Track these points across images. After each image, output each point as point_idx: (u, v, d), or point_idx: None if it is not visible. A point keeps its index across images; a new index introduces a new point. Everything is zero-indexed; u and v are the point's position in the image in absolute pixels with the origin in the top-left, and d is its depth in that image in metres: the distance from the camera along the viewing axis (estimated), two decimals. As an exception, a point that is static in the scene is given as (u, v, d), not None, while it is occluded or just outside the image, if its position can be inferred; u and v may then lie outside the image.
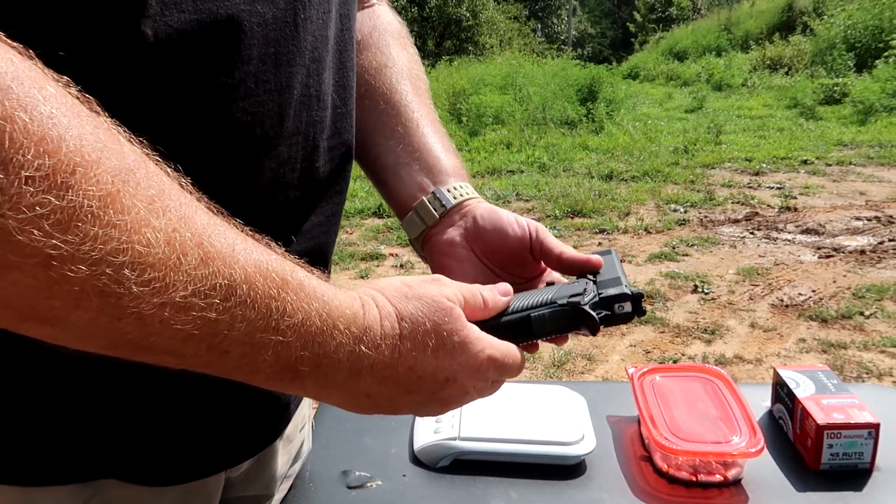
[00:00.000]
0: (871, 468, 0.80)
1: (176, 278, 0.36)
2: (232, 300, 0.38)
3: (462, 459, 0.81)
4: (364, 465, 0.81)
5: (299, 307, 0.42)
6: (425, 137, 0.71)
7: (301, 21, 0.54)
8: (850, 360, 3.02)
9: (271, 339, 0.41)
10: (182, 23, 0.45)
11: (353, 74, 0.66)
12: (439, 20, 19.27)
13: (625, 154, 7.11)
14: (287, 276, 0.42)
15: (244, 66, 0.50)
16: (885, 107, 8.55)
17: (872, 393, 0.97)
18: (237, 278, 0.39)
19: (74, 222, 0.32)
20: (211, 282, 0.37)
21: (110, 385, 0.53)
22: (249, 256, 0.40)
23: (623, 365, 3.04)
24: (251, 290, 0.39)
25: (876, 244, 4.40)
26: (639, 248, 4.53)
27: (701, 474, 0.79)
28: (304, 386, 0.45)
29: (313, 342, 0.43)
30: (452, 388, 0.51)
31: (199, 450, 0.61)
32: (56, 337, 0.36)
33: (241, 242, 0.40)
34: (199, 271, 0.37)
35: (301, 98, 0.57)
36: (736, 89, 12.12)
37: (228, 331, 0.39)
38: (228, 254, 0.39)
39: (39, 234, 0.31)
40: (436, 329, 0.49)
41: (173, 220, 0.37)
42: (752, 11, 18.25)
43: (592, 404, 0.91)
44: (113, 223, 0.34)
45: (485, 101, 8.85)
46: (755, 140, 7.66)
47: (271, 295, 0.40)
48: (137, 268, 0.35)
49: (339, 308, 0.45)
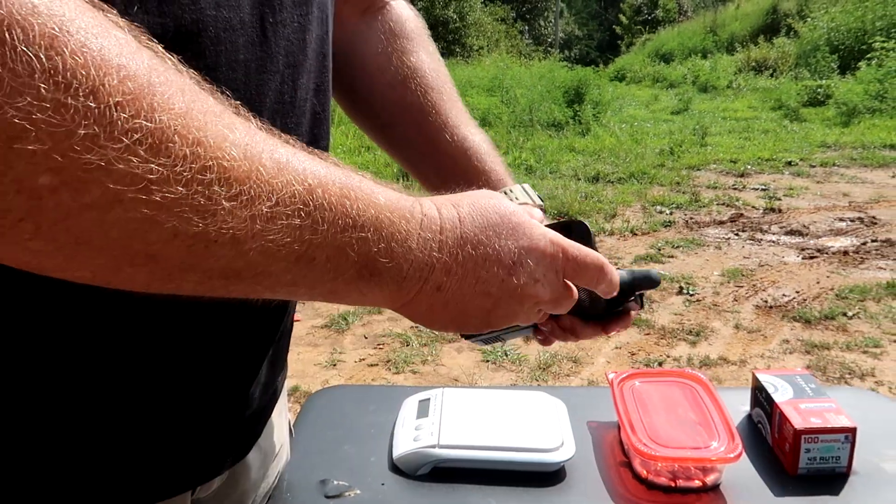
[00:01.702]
0: (848, 472, 0.81)
1: (260, 189, 0.37)
2: (311, 204, 0.40)
3: (442, 467, 0.81)
4: (342, 474, 0.80)
5: (369, 203, 0.44)
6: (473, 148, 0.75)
7: (270, 25, 0.53)
8: (833, 360, 3.04)
9: (352, 236, 0.42)
10: (146, 24, 0.44)
11: (330, 75, 0.65)
12: (426, 22, 19.27)
13: (611, 156, 7.15)
14: (347, 178, 0.43)
15: (211, 74, 0.48)
16: (868, 108, 8.64)
17: (850, 396, 0.97)
18: (311, 182, 0.40)
19: (166, 143, 0.33)
20: (290, 189, 0.38)
21: (65, 404, 0.50)
22: (311, 163, 0.41)
23: (608, 367, 3.04)
24: (325, 192, 0.41)
25: (859, 245, 4.45)
26: (625, 249, 4.55)
27: (680, 480, 0.79)
28: (382, 283, 0.46)
29: (387, 233, 0.44)
30: (521, 274, 0.51)
31: (161, 468, 0.57)
32: (150, 280, 0.36)
33: (299, 152, 0.41)
34: (278, 180, 0.38)
35: (275, 105, 0.55)
36: (721, 91, 12.22)
37: (313, 235, 0.40)
38: (295, 162, 0.40)
39: (137, 161, 0.32)
40: (495, 209, 0.51)
41: (243, 133, 0.37)
42: (737, 14, 18.40)
43: (573, 410, 0.91)
44: (198, 140, 0.34)
45: (472, 104, 8.86)
46: (740, 142, 7.72)
47: (343, 194, 0.42)
48: (225, 183, 0.35)
49: (399, 201, 0.47)
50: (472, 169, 0.74)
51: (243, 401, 0.64)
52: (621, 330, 0.68)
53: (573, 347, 3.21)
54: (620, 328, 0.68)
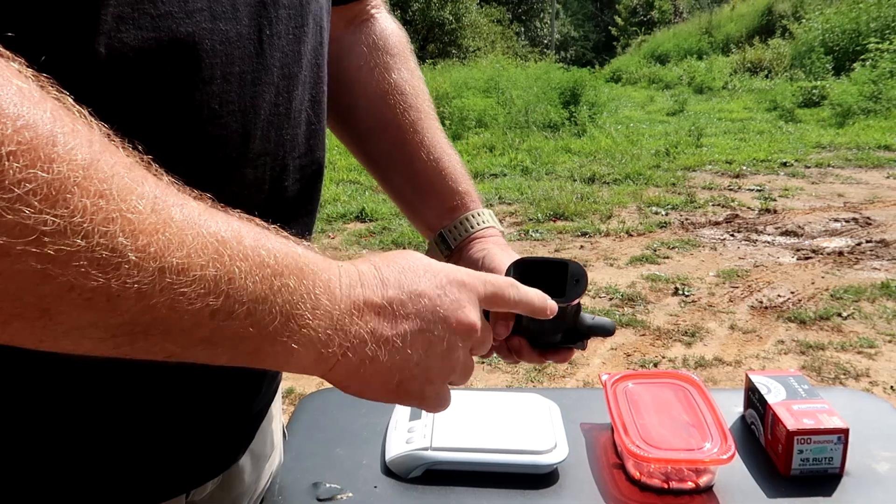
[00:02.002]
0: (841, 473, 0.81)
1: (169, 241, 0.36)
2: (226, 254, 0.39)
3: (434, 470, 0.81)
4: (335, 477, 0.80)
5: (288, 252, 0.43)
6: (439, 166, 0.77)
7: (267, 38, 0.52)
8: (827, 361, 3.05)
9: (274, 283, 0.41)
10: (139, 40, 0.44)
11: (325, 87, 0.65)
12: (423, 23, 19.29)
13: (607, 157, 7.15)
14: (262, 232, 0.43)
15: (206, 87, 0.48)
16: (863, 109, 8.66)
17: (844, 397, 0.98)
18: (225, 235, 0.39)
19: (63, 194, 0.32)
20: (202, 241, 0.38)
21: (59, 408, 0.50)
22: (224, 217, 0.41)
23: (604, 368, 3.04)
24: (240, 243, 0.40)
25: (854, 245, 4.46)
26: (620, 250, 4.55)
27: (673, 481, 0.79)
28: (308, 341, 0.44)
29: (309, 282, 0.44)
30: (424, 303, 0.50)
31: (156, 472, 0.58)
32: (43, 335, 0.34)
33: (210, 207, 0.40)
34: (188, 232, 0.37)
35: (269, 117, 0.54)
36: (717, 92, 12.24)
37: (229, 286, 0.38)
38: (207, 215, 0.39)
39: (30, 212, 0.31)
40: (419, 263, 0.52)
41: (153, 187, 0.36)
42: (732, 15, 18.45)
43: (566, 412, 0.91)
44: (100, 192, 0.33)
45: (468, 105, 8.86)
46: (735, 143, 7.74)
47: (259, 244, 0.41)
48: (130, 235, 0.34)
49: (318, 257, 0.47)
50: (447, 189, 0.76)
51: (239, 405, 0.64)
52: (557, 362, 0.71)
53: (569, 348, 3.21)
54: (558, 360, 0.70)
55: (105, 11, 0.42)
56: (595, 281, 4.01)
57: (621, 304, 3.70)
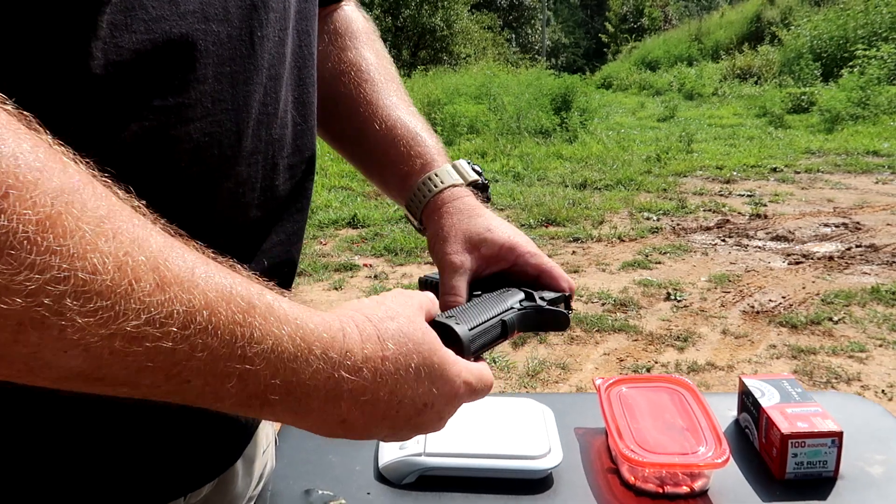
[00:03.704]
0: (836, 476, 0.81)
1: (127, 306, 0.33)
2: (191, 328, 0.36)
3: (428, 475, 0.80)
4: (328, 484, 0.79)
5: (268, 332, 0.39)
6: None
7: (258, 39, 0.54)
8: (819, 365, 3.06)
9: (237, 367, 0.38)
10: (134, 43, 0.45)
11: (314, 90, 0.66)
12: (414, 30, 19.32)
13: (598, 163, 7.18)
14: (254, 300, 0.39)
15: (200, 86, 0.50)
16: (851, 115, 8.74)
17: (836, 401, 0.98)
18: (196, 304, 0.36)
19: (7, 250, 0.30)
20: (167, 309, 0.35)
21: (53, 411, 0.51)
22: (211, 280, 0.37)
23: (596, 374, 3.04)
24: (212, 315, 0.36)
25: (844, 250, 4.48)
26: (612, 256, 4.56)
27: (668, 486, 0.79)
28: (275, 412, 0.42)
29: (286, 368, 0.40)
30: (430, 415, 0.49)
31: (154, 475, 0.58)
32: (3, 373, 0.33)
33: (201, 265, 0.37)
34: (154, 297, 0.34)
35: (259, 117, 0.56)
36: (707, 98, 12.31)
37: (188, 360, 0.36)
38: (187, 278, 0.36)
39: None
40: (418, 350, 0.47)
41: (125, 242, 0.34)
42: (721, 22, 18.58)
43: (560, 416, 0.91)
44: (52, 249, 0.31)
45: (459, 111, 8.88)
46: (726, 148, 7.78)
47: (236, 321, 0.37)
48: (82, 296, 0.32)
49: (315, 332, 0.42)
50: (399, 155, 0.72)
51: None
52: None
53: (562, 354, 3.21)
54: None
55: (101, 19, 0.43)
56: (587, 286, 4.01)
57: (613, 310, 3.70)
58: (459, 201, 0.68)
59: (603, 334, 3.43)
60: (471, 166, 0.72)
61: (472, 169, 0.71)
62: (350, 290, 4.07)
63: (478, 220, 0.67)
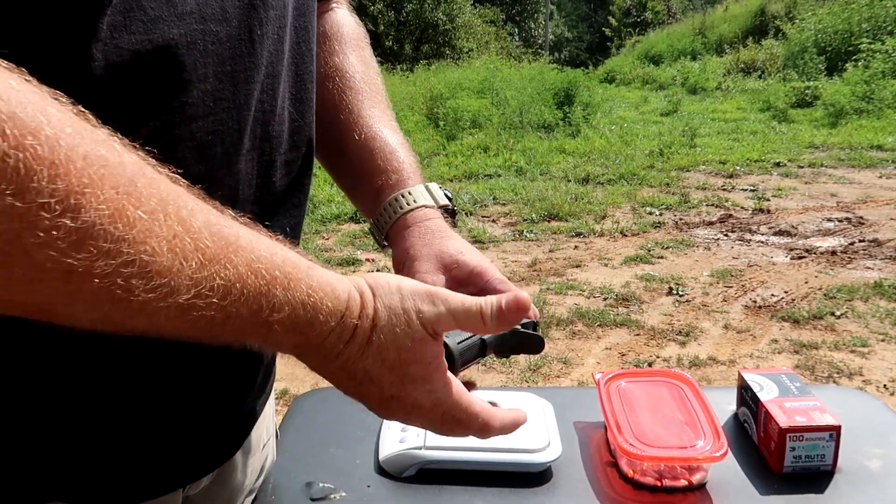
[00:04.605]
0: (833, 470, 0.81)
1: (179, 282, 0.38)
2: (228, 299, 0.41)
3: (428, 469, 0.81)
4: (328, 477, 0.80)
5: (287, 302, 0.44)
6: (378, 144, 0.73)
7: (258, 38, 0.55)
8: (821, 360, 3.06)
9: (261, 331, 0.44)
10: (133, 44, 0.46)
11: (312, 86, 0.66)
12: (416, 24, 19.28)
13: (601, 157, 7.16)
14: (276, 272, 0.44)
15: (201, 85, 0.50)
16: (855, 109, 8.70)
17: (835, 395, 0.98)
18: (231, 278, 0.41)
19: (88, 240, 0.34)
20: (209, 283, 0.40)
21: (56, 402, 0.52)
22: (241, 254, 0.42)
23: (598, 368, 3.05)
24: (244, 288, 0.42)
25: (847, 245, 4.48)
26: (615, 250, 4.56)
27: (666, 479, 0.79)
28: (284, 351, 0.49)
29: (296, 331, 0.46)
30: (395, 406, 0.53)
31: (153, 466, 0.59)
32: (71, 326, 0.38)
33: (233, 239, 0.42)
34: (199, 274, 0.39)
35: (257, 114, 0.57)
36: (710, 93, 12.27)
37: (223, 325, 0.42)
38: (223, 255, 0.41)
39: (56, 254, 0.33)
40: (399, 352, 0.50)
41: (173, 225, 0.38)
42: (725, 16, 18.50)
43: (560, 410, 0.91)
44: (122, 237, 0.35)
45: (462, 106, 8.86)
46: (729, 143, 7.76)
47: (261, 292, 0.43)
48: (145, 276, 0.37)
49: (323, 301, 0.47)
50: (374, 168, 0.71)
51: (234, 401, 0.66)
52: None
53: (563, 348, 3.22)
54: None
55: (101, 21, 0.44)
56: (590, 281, 4.01)
57: (616, 304, 3.71)
58: (431, 222, 0.68)
59: (605, 329, 3.43)
60: (442, 191, 0.72)
61: (443, 193, 0.71)
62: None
63: (449, 242, 0.67)
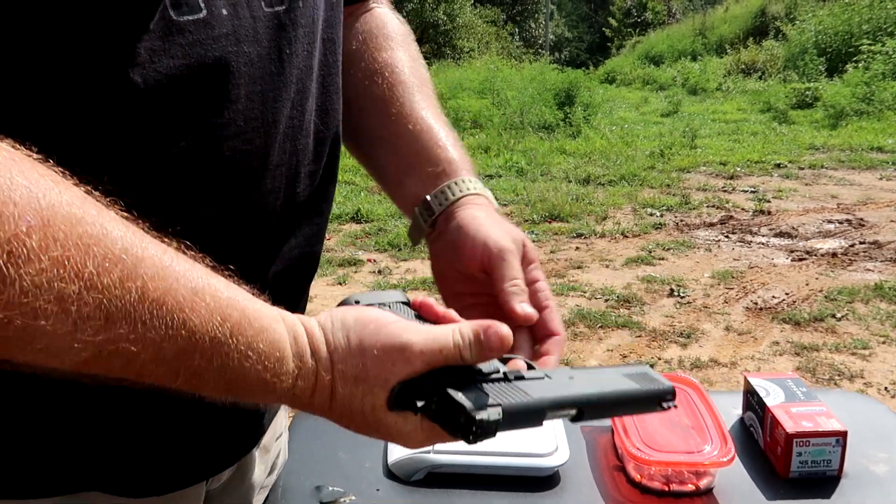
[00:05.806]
0: (840, 475, 0.81)
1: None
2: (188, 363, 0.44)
3: (436, 472, 0.81)
4: (337, 480, 0.80)
5: (240, 366, 0.45)
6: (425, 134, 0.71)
7: (287, 57, 0.56)
8: (822, 362, 3.06)
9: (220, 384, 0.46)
10: (171, 68, 0.47)
11: (338, 97, 0.67)
12: (416, 24, 19.27)
13: (602, 158, 7.17)
14: (230, 343, 0.44)
15: (233, 106, 0.51)
16: (856, 111, 8.70)
17: (840, 399, 0.98)
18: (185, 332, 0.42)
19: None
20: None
21: (93, 399, 0.53)
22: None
23: (600, 369, 3.05)
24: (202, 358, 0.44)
25: (847, 247, 4.48)
26: (616, 252, 4.56)
27: (673, 484, 0.80)
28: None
29: (258, 397, 0.47)
30: (380, 437, 0.53)
31: (180, 460, 0.61)
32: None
33: (188, 308, 0.42)
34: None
35: (286, 130, 0.58)
36: (711, 93, 12.27)
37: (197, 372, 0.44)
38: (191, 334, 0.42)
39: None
40: (366, 415, 0.50)
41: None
42: (725, 16, 18.50)
43: (567, 414, 0.91)
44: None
45: (463, 106, 8.87)
46: (730, 144, 7.76)
47: (213, 366, 0.44)
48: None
49: (273, 367, 0.46)
50: (433, 157, 0.70)
51: None
52: None
53: (565, 350, 3.21)
54: None
55: (140, 47, 0.45)
56: (591, 282, 4.02)
57: (617, 306, 3.71)
58: (488, 205, 0.67)
59: (606, 330, 3.44)
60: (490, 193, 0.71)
61: (492, 197, 0.70)
62: (354, 286, 4.08)
63: (506, 224, 0.65)
